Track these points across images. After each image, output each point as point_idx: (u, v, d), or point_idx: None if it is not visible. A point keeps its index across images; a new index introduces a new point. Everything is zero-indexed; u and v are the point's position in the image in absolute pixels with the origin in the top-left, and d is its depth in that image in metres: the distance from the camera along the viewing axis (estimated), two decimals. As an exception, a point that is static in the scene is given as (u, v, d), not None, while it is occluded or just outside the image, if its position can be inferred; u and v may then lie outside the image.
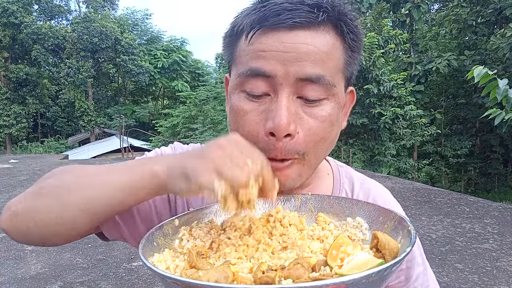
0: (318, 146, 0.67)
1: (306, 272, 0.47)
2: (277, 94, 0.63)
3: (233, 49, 0.69)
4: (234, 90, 0.68)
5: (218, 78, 15.35)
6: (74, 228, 0.63)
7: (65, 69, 27.61)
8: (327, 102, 0.65)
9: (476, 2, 17.25)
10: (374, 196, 0.84)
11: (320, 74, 0.63)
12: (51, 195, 0.63)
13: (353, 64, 0.70)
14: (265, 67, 0.62)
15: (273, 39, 0.62)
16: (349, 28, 0.66)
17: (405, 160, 14.75)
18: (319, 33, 0.63)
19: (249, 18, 0.64)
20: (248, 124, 0.66)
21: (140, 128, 27.48)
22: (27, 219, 0.63)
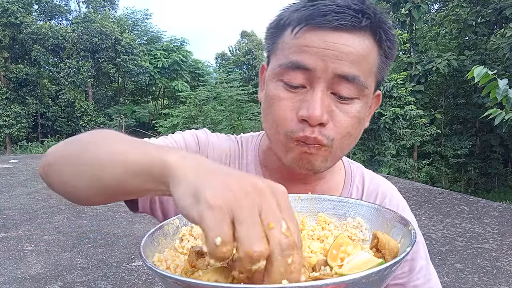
0: (344, 139, 0.71)
1: (307, 272, 0.47)
2: (313, 87, 0.68)
3: (275, 40, 0.74)
4: (272, 79, 0.72)
5: (218, 78, 15.32)
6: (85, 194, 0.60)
7: (65, 69, 27.61)
8: (358, 101, 0.70)
9: (476, 2, 17.25)
10: (383, 192, 0.87)
11: (356, 75, 0.67)
12: (72, 154, 0.61)
13: (385, 70, 0.75)
14: (306, 61, 0.67)
15: (317, 36, 0.67)
16: (387, 36, 0.71)
17: (405, 160, 14.74)
18: (360, 37, 0.68)
19: (296, 14, 0.69)
20: (282, 109, 0.70)
21: (140, 128, 27.49)
22: (53, 172, 0.63)
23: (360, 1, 0.68)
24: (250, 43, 43.61)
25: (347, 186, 0.87)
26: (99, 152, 0.57)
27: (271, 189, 0.41)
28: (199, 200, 0.39)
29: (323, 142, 0.69)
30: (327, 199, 0.72)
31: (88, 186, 0.58)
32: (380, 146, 13.72)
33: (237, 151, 0.88)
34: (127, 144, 0.55)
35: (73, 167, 0.59)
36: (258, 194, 0.40)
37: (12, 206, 6.38)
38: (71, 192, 0.62)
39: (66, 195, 0.65)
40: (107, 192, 0.57)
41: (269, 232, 0.38)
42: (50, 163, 0.64)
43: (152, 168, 0.48)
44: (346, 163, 0.91)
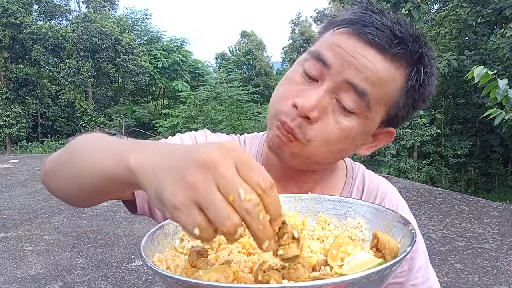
0: (321, 146, 0.70)
1: (307, 272, 0.47)
2: (322, 84, 0.69)
3: (322, 32, 0.76)
4: (298, 62, 0.75)
5: (218, 78, 15.32)
6: (81, 200, 0.66)
7: (65, 69, 27.63)
8: (356, 118, 0.70)
9: (476, 2, 17.25)
10: (382, 193, 0.88)
11: (364, 91, 0.67)
12: (64, 161, 0.65)
13: (403, 110, 0.74)
14: (327, 57, 0.69)
15: (349, 41, 0.68)
16: (417, 77, 0.70)
17: (405, 160, 14.74)
18: (387, 61, 0.67)
19: (345, 16, 0.71)
20: (288, 89, 0.72)
21: (140, 128, 27.50)
22: (51, 179, 0.67)
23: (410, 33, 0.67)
24: (250, 43, 43.61)
25: (347, 187, 0.87)
26: (81, 161, 0.60)
27: (222, 154, 0.42)
28: (165, 204, 0.41)
29: (297, 135, 0.69)
30: (327, 199, 0.72)
31: (78, 191, 0.62)
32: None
33: None
34: (101, 151, 0.56)
35: (64, 175, 0.64)
36: (210, 174, 0.41)
37: (12, 206, 6.38)
38: (67, 197, 0.67)
39: (65, 200, 0.69)
40: (94, 196, 0.62)
41: (233, 204, 0.40)
42: (47, 171, 0.68)
43: (120, 174, 0.50)
44: (349, 164, 0.92)
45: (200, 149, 0.43)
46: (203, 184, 0.40)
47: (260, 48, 43.33)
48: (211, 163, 0.41)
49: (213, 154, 0.42)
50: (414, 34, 0.69)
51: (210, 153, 0.42)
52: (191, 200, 0.40)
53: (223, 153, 0.42)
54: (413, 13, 15.50)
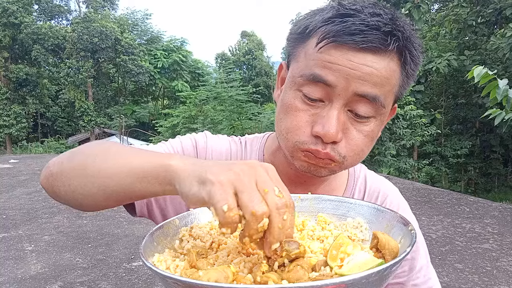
0: (356, 157, 0.73)
1: (306, 274, 0.47)
2: (332, 103, 0.68)
3: (298, 45, 0.73)
4: (291, 87, 0.72)
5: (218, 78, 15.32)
6: (93, 200, 0.65)
7: (65, 69, 27.63)
8: (374, 120, 0.71)
9: (476, 2, 17.25)
10: (384, 193, 0.88)
11: (377, 96, 0.68)
12: (79, 165, 0.65)
13: (405, 88, 0.75)
14: (328, 77, 0.67)
15: (341, 54, 0.66)
16: (412, 58, 0.70)
17: (405, 160, 14.74)
18: (385, 59, 0.67)
19: (324, 27, 0.67)
20: (298, 119, 0.70)
21: (140, 128, 27.51)
22: (59, 182, 0.66)
23: (391, 21, 0.66)
24: (250, 43, 43.61)
25: (349, 188, 0.88)
26: (106, 164, 0.62)
27: (262, 166, 0.50)
28: (205, 182, 0.47)
29: (335, 158, 0.70)
30: (327, 199, 0.72)
31: (97, 194, 0.63)
32: (380, 146, 13.72)
33: (239, 153, 0.88)
34: (129, 155, 0.61)
35: (81, 177, 0.64)
36: (253, 170, 0.48)
37: (12, 206, 6.38)
38: (79, 200, 0.66)
39: (72, 202, 0.68)
40: (115, 198, 0.63)
41: (266, 196, 0.46)
42: (53, 173, 0.67)
43: (158, 173, 0.55)
44: None
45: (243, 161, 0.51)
46: (245, 175, 0.47)
47: (260, 48, 43.33)
48: (254, 165, 0.49)
49: (256, 162, 0.50)
50: (392, 16, 0.67)
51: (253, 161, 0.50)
52: (230, 182, 0.46)
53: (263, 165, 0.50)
54: (413, 13, 15.50)
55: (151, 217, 0.81)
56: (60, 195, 0.68)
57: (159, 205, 0.80)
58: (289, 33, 0.76)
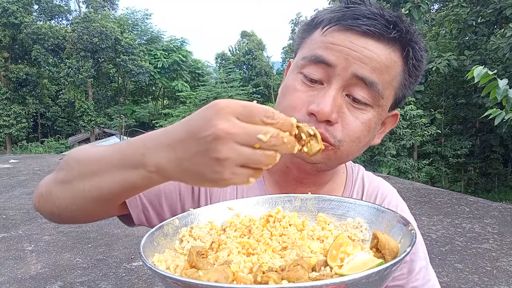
0: (353, 144, 0.71)
1: (306, 273, 0.47)
2: (330, 84, 0.68)
3: (305, 36, 0.75)
4: (293, 71, 0.73)
5: (218, 78, 15.34)
6: (88, 213, 0.66)
7: (65, 69, 27.61)
8: (371, 109, 0.70)
9: (476, 2, 17.24)
10: (382, 194, 0.87)
11: (374, 81, 0.68)
12: (65, 181, 0.64)
13: (407, 89, 0.75)
14: (329, 57, 0.68)
15: (344, 37, 0.68)
16: (414, 55, 0.71)
17: (405, 160, 14.74)
18: (386, 47, 0.68)
19: (330, 15, 0.70)
20: (294, 99, 0.70)
21: (140, 128, 27.48)
22: (50, 203, 0.66)
23: (395, 15, 0.68)
24: (250, 43, 43.59)
25: (347, 189, 0.87)
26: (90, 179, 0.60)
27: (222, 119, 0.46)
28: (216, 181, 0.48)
29: (329, 139, 0.68)
30: (327, 199, 0.72)
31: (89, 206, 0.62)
32: (380, 146, 13.71)
33: None
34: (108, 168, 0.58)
35: (68, 194, 0.63)
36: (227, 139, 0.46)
37: (12, 206, 6.38)
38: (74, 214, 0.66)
39: (68, 220, 0.69)
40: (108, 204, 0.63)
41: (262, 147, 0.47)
42: (43, 195, 0.67)
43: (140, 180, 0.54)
44: (349, 166, 0.91)
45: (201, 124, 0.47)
46: (232, 152, 0.46)
47: (260, 48, 43.31)
48: (223, 134, 0.46)
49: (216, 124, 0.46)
50: (398, 16, 0.70)
51: (213, 124, 0.46)
52: (233, 166, 0.47)
53: (222, 117, 0.46)
54: (413, 13, 15.49)
55: (149, 223, 0.80)
56: (53, 213, 0.68)
57: (156, 210, 0.79)
58: (298, 29, 0.79)
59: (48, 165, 10.82)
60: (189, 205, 0.79)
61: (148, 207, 0.78)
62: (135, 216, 0.77)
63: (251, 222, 0.66)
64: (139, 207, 0.77)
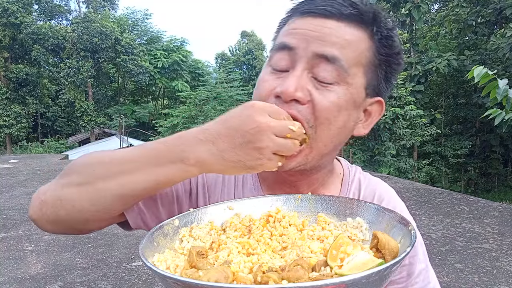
0: (323, 127, 0.69)
1: (306, 273, 0.47)
2: (294, 68, 0.69)
3: (277, 35, 0.78)
4: (265, 65, 0.76)
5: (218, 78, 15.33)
6: (109, 212, 0.67)
7: (65, 69, 27.61)
8: (338, 87, 0.69)
9: (476, 2, 17.25)
10: (380, 196, 0.86)
11: (336, 56, 0.68)
12: (84, 183, 0.65)
13: (381, 69, 0.73)
14: (290, 41, 0.70)
15: (304, 21, 0.70)
16: (380, 32, 0.71)
17: (405, 160, 14.74)
18: (347, 25, 0.69)
19: (292, 8, 0.75)
20: (263, 89, 0.72)
21: (140, 128, 27.49)
22: (57, 208, 0.67)
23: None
24: (250, 43, 43.60)
25: (343, 191, 0.85)
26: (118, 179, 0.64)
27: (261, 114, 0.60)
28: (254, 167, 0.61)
29: (299, 118, 0.66)
30: (327, 199, 0.72)
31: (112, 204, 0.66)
32: (380, 146, 13.72)
33: None
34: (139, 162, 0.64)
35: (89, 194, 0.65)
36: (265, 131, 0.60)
37: (12, 206, 6.38)
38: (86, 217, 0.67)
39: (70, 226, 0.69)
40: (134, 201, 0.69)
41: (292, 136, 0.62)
42: (47, 201, 0.68)
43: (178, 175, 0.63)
44: (346, 167, 0.89)
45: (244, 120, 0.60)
46: (270, 141, 0.59)
47: (260, 48, 43.31)
48: (265, 126, 0.59)
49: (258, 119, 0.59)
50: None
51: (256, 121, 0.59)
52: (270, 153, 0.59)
53: (261, 114, 0.60)
54: (413, 13, 15.50)
55: (146, 226, 0.79)
56: (59, 220, 0.68)
57: (153, 213, 0.78)
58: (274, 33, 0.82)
59: (48, 165, 10.82)
60: (186, 207, 0.79)
61: (144, 210, 0.77)
62: (131, 220, 0.77)
63: (251, 222, 0.66)
64: (135, 211, 0.76)
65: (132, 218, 0.77)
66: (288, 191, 0.80)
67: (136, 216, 0.77)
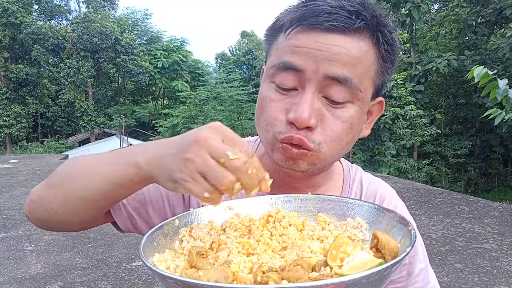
0: (334, 144, 0.69)
1: (306, 274, 0.47)
2: (304, 89, 0.67)
3: (271, 42, 0.74)
4: (266, 80, 0.72)
5: (218, 78, 15.31)
6: (77, 216, 0.68)
7: (65, 69, 27.60)
8: (351, 105, 0.68)
9: (476, 2, 17.25)
10: (381, 195, 0.86)
11: (348, 77, 0.65)
12: (57, 185, 0.68)
13: (385, 74, 0.72)
14: (297, 62, 0.66)
15: (308, 37, 0.65)
16: (385, 39, 0.68)
17: (405, 160, 14.74)
18: (354, 39, 0.66)
19: (290, 16, 0.68)
20: (272, 109, 0.69)
21: (140, 128, 27.48)
22: (40, 208, 0.69)
23: (357, 2, 0.66)
24: (250, 43, 43.60)
25: (344, 192, 0.86)
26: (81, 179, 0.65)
27: (210, 131, 0.53)
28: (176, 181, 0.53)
29: (309, 146, 0.67)
30: (327, 199, 0.72)
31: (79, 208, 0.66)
32: (380, 146, 13.71)
33: None
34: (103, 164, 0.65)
35: (59, 197, 0.66)
36: (203, 145, 0.51)
37: (12, 206, 6.38)
38: (63, 219, 0.68)
39: (57, 225, 0.71)
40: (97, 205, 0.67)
41: (225, 165, 0.50)
42: (34, 200, 0.70)
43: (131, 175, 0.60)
44: (346, 168, 0.90)
45: (191, 132, 0.55)
46: (199, 157, 0.51)
47: (260, 48, 43.28)
48: (202, 139, 0.52)
49: (203, 132, 0.53)
50: (360, 2, 0.67)
51: (200, 132, 0.53)
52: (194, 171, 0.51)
53: (211, 130, 0.53)
54: (413, 13, 15.50)
55: (138, 230, 0.79)
56: (42, 219, 0.70)
57: (143, 217, 0.79)
58: (264, 34, 0.77)
59: (48, 165, 10.81)
60: (181, 209, 0.79)
61: (134, 215, 0.77)
62: (121, 224, 0.77)
63: (251, 222, 0.66)
64: (124, 215, 0.77)
65: (121, 222, 0.77)
66: (288, 192, 0.80)
67: (125, 220, 0.77)
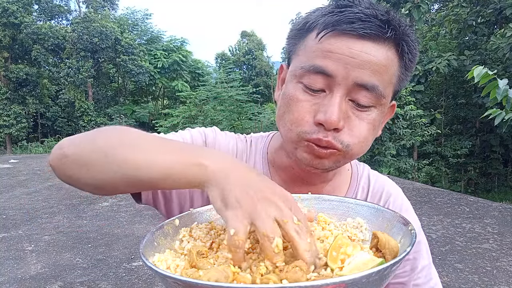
0: (361, 144, 0.72)
1: (304, 275, 0.47)
2: (333, 92, 0.68)
3: (298, 41, 0.74)
4: (292, 80, 0.73)
5: (218, 78, 15.30)
6: (112, 186, 0.64)
7: (65, 69, 27.59)
8: (375, 109, 0.71)
9: (476, 2, 17.25)
10: (388, 192, 0.88)
11: (375, 84, 0.68)
12: (101, 150, 0.62)
13: (404, 81, 0.75)
14: (328, 67, 0.68)
15: (341, 43, 0.67)
16: (409, 49, 0.71)
17: (405, 160, 14.74)
18: (383, 47, 0.68)
19: (324, 19, 0.69)
20: (299, 110, 0.70)
21: (140, 128, 27.38)
22: (73, 166, 0.64)
23: (386, 12, 0.69)
24: (250, 43, 43.59)
25: (352, 187, 0.88)
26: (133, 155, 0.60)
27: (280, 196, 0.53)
28: (227, 204, 0.52)
29: (337, 146, 0.69)
30: (327, 199, 0.72)
31: (119, 182, 0.62)
32: (380, 146, 13.71)
33: (245, 150, 0.89)
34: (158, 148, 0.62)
35: (103, 164, 0.62)
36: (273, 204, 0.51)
37: (12, 206, 6.38)
38: (97, 184, 0.64)
39: (86, 186, 0.66)
40: (137, 187, 0.64)
41: (285, 226, 0.50)
42: (68, 155, 0.65)
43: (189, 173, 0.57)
44: (354, 164, 0.92)
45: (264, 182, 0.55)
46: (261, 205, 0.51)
47: (260, 48, 43.32)
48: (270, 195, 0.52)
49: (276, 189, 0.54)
50: (388, 12, 0.70)
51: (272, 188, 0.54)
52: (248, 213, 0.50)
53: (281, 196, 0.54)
54: (413, 13, 15.49)
55: (155, 205, 0.82)
56: (74, 177, 0.65)
57: (165, 195, 0.81)
58: (289, 31, 0.78)
59: (48, 165, 10.82)
60: (198, 200, 0.81)
61: (159, 192, 0.80)
62: (144, 197, 0.78)
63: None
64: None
65: (145, 194, 0.78)
66: (299, 184, 0.82)
67: (148, 193, 0.79)
